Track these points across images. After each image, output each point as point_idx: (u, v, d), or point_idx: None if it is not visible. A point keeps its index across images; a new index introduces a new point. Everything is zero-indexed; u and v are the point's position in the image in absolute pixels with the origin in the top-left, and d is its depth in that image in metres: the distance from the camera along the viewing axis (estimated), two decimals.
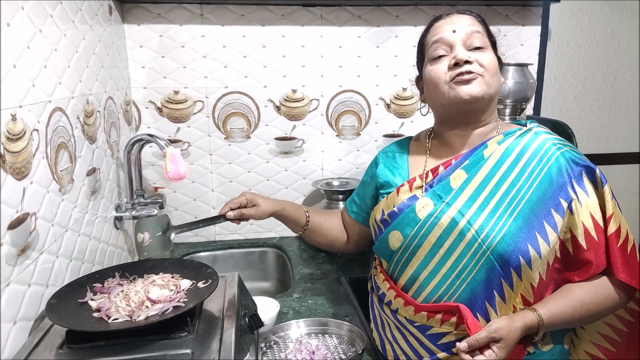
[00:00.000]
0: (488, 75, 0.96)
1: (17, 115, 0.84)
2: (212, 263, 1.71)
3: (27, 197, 0.87)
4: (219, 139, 1.74)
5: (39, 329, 0.84)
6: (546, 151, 0.97)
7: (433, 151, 1.09)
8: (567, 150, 0.98)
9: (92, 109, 1.23)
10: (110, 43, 1.42)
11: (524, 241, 0.91)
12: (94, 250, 1.21)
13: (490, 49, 1.00)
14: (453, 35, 0.97)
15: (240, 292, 0.98)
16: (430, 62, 1.01)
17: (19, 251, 0.84)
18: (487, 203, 0.94)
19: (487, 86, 0.96)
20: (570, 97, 2.05)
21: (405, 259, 1.01)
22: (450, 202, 0.96)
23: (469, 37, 0.97)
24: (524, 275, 0.92)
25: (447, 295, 0.95)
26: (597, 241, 0.94)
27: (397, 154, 1.15)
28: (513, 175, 0.95)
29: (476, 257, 0.93)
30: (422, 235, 0.97)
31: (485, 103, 0.99)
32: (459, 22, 0.99)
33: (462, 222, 0.94)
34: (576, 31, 1.99)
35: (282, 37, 1.69)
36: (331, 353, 1.09)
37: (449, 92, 0.97)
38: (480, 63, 0.96)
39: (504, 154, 0.98)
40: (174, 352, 0.75)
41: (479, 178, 0.96)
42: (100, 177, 1.29)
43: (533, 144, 0.99)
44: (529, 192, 0.94)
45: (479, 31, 0.99)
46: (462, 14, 1.01)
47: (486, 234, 0.92)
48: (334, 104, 1.78)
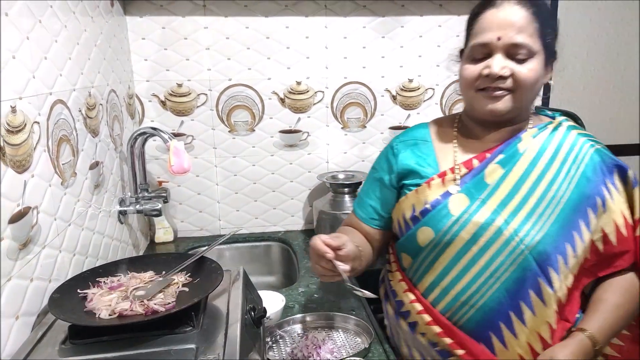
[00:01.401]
0: (521, 91, 0.91)
1: (16, 107, 0.83)
2: (217, 257, 1.70)
3: (28, 190, 0.86)
4: (223, 132, 1.72)
5: (41, 324, 0.83)
6: (580, 148, 0.96)
7: (461, 141, 1.03)
8: (600, 147, 0.98)
9: (94, 101, 1.22)
10: (112, 35, 1.41)
11: (562, 241, 0.92)
12: (97, 245, 1.20)
13: (538, 55, 0.91)
14: (496, 42, 0.90)
15: (246, 286, 0.96)
16: (467, 58, 0.96)
17: (20, 245, 0.83)
18: (525, 201, 0.93)
19: (516, 102, 0.93)
20: (580, 87, 2.02)
21: (433, 256, 0.98)
22: (485, 199, 0.94)
23: (513, 48, 0.90)
24: (562, 276, 0.93)
25: (480, 294, 0.93)
26: (626, 237, 0.95)
27: (420, 142, 1.06)
28: (551, 174, 0.94)
29: (513, 256, 0.92)
30: (455, 232, 0.94)
31: (512, 115, 0.96)
32: (508, 25, 0.89)
33: (499, 221, 0.92)
34: (585, 20, 1.95)
35: (286, 28, 1.66)
36: (337, 347, 1.08)
37: (473, 99, 0.95)
38: (516, 78, 0.90)
39: (540, 150, 0.96)
40: (178, 347, 0.74)
41: (516, 174, 0.94)
42: (104, 171, 1.27)
43: (566, 140, 0.97)
44: (567, 191, 0.93)
45: (528, 37, 0.89)
46: (518, 3, 0.90)
47: (525, 233, 0.91)
48: (339, 95, 1.75)
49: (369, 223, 1.11)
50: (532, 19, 0.89)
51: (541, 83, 0.95)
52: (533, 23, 0.90)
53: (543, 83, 0.96)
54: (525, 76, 0.90)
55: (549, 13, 0.94)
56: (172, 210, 1.76)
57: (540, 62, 0.92)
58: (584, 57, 1.99)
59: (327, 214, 1.66)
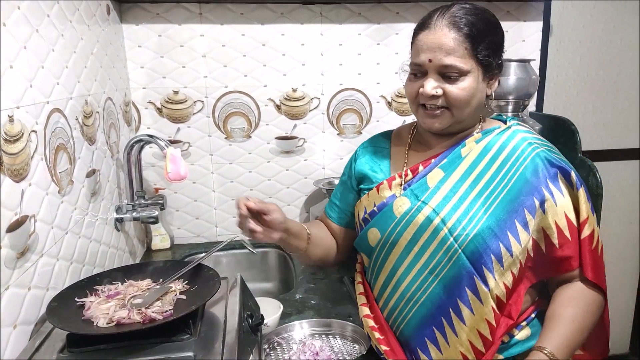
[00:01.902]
0: (455, 108, 0.96)
1: (14, 117, 0.83)
2: (214, 264, 1.70)
3: (25, 199, 0.86)
4: (219, 139, 1.73)
5: (39, 333, 0.83)
6: (523, 150, 0.98)
7: (414, 147, 1.11)
8: (544, 150, 0.98)
9: (91, 109, 1.22)
10: (108, 43, 1.41)
11: (495, 240, 0.94)
12: (94, 253, 1.20)
13: (472, 73, 0.94)
14: (428, 63, 0.95)
15: (243, 293, 0.97)
16: (410, 74, 1.01)
17: (18, 254, 0.83)
18: (461, 202, 0.97)
19: (454, 117, 0.98)
20: (573, 93, 2.04)
21: (383, 255, 1.04)
22: (426, 201, 0.99)
23: (444, 68, 0.94)
24: (497, 274, 0.95)
25: (421, 290, 0.99)
26: (571, 240, 0.96)
27: (379, 149, 1.15)
28: (489, 175, 0.97)
29: (448, 255, 0.96)
30: (398, 232, 1.01)
31: (454, 128, 1.01)
32: (438, 47, 0.93)
33: (436, 220, 0.97)
34: (578, 27, 1.98)
35: (281, 36, 1.67)
36: (335, 354, 1.08)
37: (417, 113, 1.02)
38: (447, 97, 0.95)
39: (481, 152, 0.99)
40: (176, 355, 0.74)
41: (455, 177, 0.99)
42: (100, 179, 1.27)
43: (510, 143, 0.99)
44: (503, 191, 0.95)
45: (458, 59, 0.92)
46: (450, 26, 0.93)
47: (458, 233, 0.94)
48: (335, 102, 1.76)
49: (334, 220, 1.21)
50: (462, 40, 0.92)
51: (480, 97, 0.98)
52: (463, 44, 0.92)
53: (484, 95, 0.99)
54: (456, 95, 0.94)
55: (489, 29, 0.95)
56: (169, 217, 1.77)
57: (475, 78, 0.95)
58: (577, 62, 2.01)
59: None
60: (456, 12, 0.94)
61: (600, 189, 1.55)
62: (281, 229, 1.01)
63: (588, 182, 1.57)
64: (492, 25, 0.97)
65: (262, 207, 0.98)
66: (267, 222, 0.99)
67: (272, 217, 0.99)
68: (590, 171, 1.57)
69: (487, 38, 0.95)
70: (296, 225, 1.10)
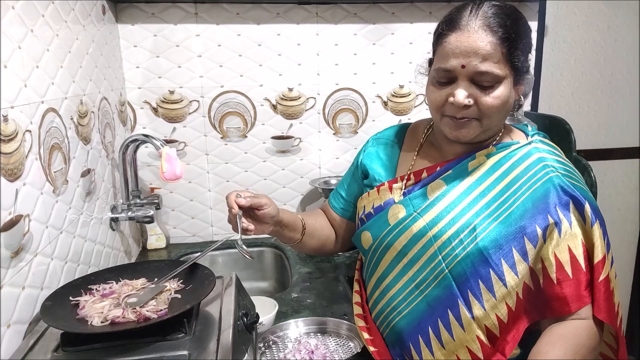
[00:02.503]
0: (486, 118, 0.87)
1: (8, 116, 0.83)
2: (209, 264, 1.70)
3: (20, 198, 0.86)
4: (215, 138, 1.73)
5: (33, 332, 0.83)
6: (535, 172, 0.88)
7: (425, 149, 1.04)
8: (559, 175, 0.88)
9: (86, 109, 1.22)
10: (103, 43, 1.41)
11: (485, 266, 0.86)
12: (89, 252, 1.20)
13: (506, 79, 0.85)
14: (460, 69, 0.85)
15: (238, 292, 0.97)
16: (433, 80, 0.91)
17: (12, 253, 0.83)
18: (455, 220, 0.89)
19: (483, 127, 0.89)
20: (568, 93, 2.05)
21: (375, 259, 1.02)
22: (421, 213, 0.93)
23: (478, 75, 0.84)
24: (488, 305, 0.87)
25: (406, 303, 0.95)
26: (571, 278, 0.83)
27: (390, 144, 1.09)
28: (492, 194, 0.89)
29: (435, 272, 0.91)
30: (391, 239, 0.97)
31: (480, 137, 0.93)
32: (473, 52, 0.83)
33: (428, 235, 0.91)
34: (573, 27, 1.99)
35: (277, 36, 1.68)
36: (330, 352, 1.08)
37: (440, 122, 0.92)
38: (480, 107, 0.86)
39: (489, 169, 0.91)
40: (171, 354, 0.74)
41: (457, 192, 0.91)
42: (95, 178, 1.27)
43: (524, 162, 0.90)
44: (504, 214, 0.87)
45: (494, 65, 0.83)
46: (485, 27, 0.83)
47: (447, 252, 0.89)
48: (331, 102, 1.77)
49: (337, 211, 1.17)
50: (499, 43, 0.83)
51: (511, 103, 0.89)
52: (500, 48, 0.83)
53: (512, 100, 0.90)
54: (490, 104, 0.85)
55: (522, 30, 0.87)
56: (165, 216, 1.77)
57: (508, 85, 0.86)
58: (571, 63, 2.02)
59: None
60: (489, 12, 0.84)
61: (594, 187, 1.56)
62: (274, 222, 1.00)
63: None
64: (524, 25, 0.88)
65: (254, 202, 0.96)
66: (259, 216, 0.98)
67: (265, 212, 0.97)
68: (584, 170, 1.57)
69: (522, 40, 0.86)
70: (290, 216, 1.07)
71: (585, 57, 2.02)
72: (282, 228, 1.06)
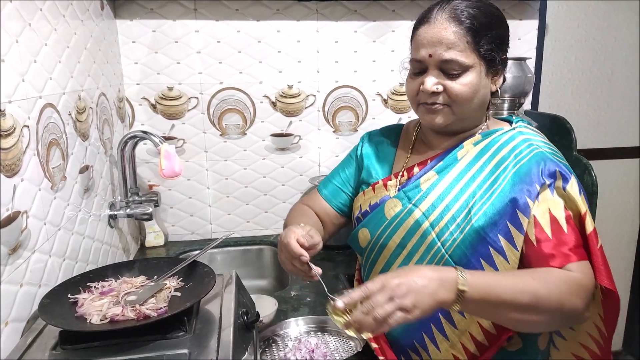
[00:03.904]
0: (456, 104, 0.92)
1: (6, 111, 0.82)
2: (208, 261, 1.69)
3: (17, 195, 0.85)
4: (214, 135, 1.72)
5: (31, 330, 0.81)
6: (521, 151, 0.92)
7: (417, 146, 1.07)
8: (544, 151, 0.91)
9: (84, 105, 1.21)
10: (102, 38, 1.40)
11: (484, 245, 0.88)
12: (87, 249, 1.19)
13: (474, 68, 0.90)
14: (428, 59, 0.91)
15: (238, 290, 0.96)
16: (409, 72, 0.98)
17: (10, 250, 0.81)
18: (451, 206, 0.92)
19: (456, 114, 0.93)
20: (568, 91, 2.05)
21: (373, 256, 1.02)
22: (416, 204, 0.95)
23: (445, 63, 0.90)
24: None
25: None
26: (551, 238, 0.84)
27: (385, 143, 1.12)
28: (482, 176, 0.92)
29: (435, 260, 0.92)
30: (388, 235, 0.98)
31: (456, 126, 0.97)
32: (438, 42, 0.89)
33: (425, 224, 0.93)
34: (573, 25, 1.98)
35: (277, 32, 1.66)
36: (331, 351, 1.08)
37: (418, 111, 0.98)
38: (449, 93, 0.91)
39: (477, 154, 0.94)
40: (171, 352, 0.74)
41: (448, 180, 0.94)
42: (94, 175, 1.26)
43: (510, 143, 0.94)
44: (495, 192, 0.89)
45: (459, 53, 0.88)
46: (451, 19, 0.89)
47: (445, 238, 0.91)
48: (331, 99, 1.76)
49: (330, 202, 1.15)
50: (463, 33, 0.88)
51: (483, 93, 0.93)
52: (465, 38, 0.88)
53: (488, 92, 0.95)
54: (457, 91, 0.90)
55: (492, 22, 0.91)
56: (163, 214, 1.75)
57: (477, 74, 0.91)
58: (571, 61, 2.02)
59: None
60: (457, 5, 0.90)
61: (595, 187, 1.56)
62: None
63: (583, 180, 1.58)
64: (495, 18, 0.92)
65: (311, 242, 0.92)
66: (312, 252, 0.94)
67: (319, 248, 0.95)
68: (585, 169, 1.57)
69: (490, 31, 0.90)
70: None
71: (586, 56, 2.02)
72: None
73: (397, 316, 0.71)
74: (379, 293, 0.72)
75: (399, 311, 0.71)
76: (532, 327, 0.85)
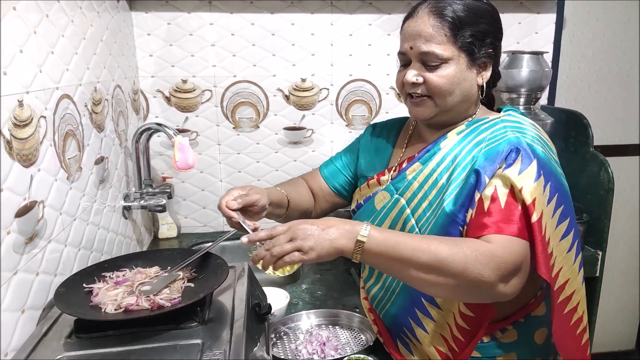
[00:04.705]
0: (437, 96, 0.93)
1: (24, 101, 0.83)
2: (220, 253, 1.69)
3: (34, 184, 0.86)
4: (227, 128, 1.72)
5: (47, 318, 0.83)
6: (495, 135, 0.91)
7: (412, 140, 1.09)
8: (518, 136, 0.89)
9: (100, 97, 1.22)
10: (117, 31, 1.41)
11: (454, 226, 0.87)
12: (102, 240, 1.20)
13: (453, 60, 0.91)
14: (410, 51, 0.94)
15: (251, 282, 0.97)
16: (398, 65, 1.01)
17: (27, 239, 0.83)
18: (428, 192, 0.94)
19: (437, 108, 0.95)
20: (585, 86, 2.01)
21: None
22: (401, 194, 0.98)
23: (424, 56, 0.92)
24: None
25: (396, 281, 0.99)
26: (485, 211, 0.83)
27: (385, 138, 1.14)
28: (456, 161, 0.92)
29: None
30: (377, 224, 1.00)
31: (442, 118, 0.98)
32: (417, 34, 0.91)
33: (407, 212, 0.96)
34: (591, 19, 1.95)
35: (291, 25, 1.66)
36: (342, 345, 1.08)
37: (406, 104, 1.00)
38: (428, 85, 0.93)
39: (458, 142, 0.95)
40: (184, 342, 0.74)
41: (429, 168, 0.96)
42: (109, 166, 1.27)
43: (490, 129, 0.93)
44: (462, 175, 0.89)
45: (437, 45, 0.90)
46: (431, 13, 0.91)
47: (422, 223, 0.93)
48: (344, 93, 1.75)
49: (327, 181, 1.19)
50: (441, 26, 0.90)
51: (466, 86, 0.93)
52: (442, 30, 0.90)
53: (472, 85, 0.94)
54: (435, 82, 0.92)
55: (474, 15, 0.91)
56: (176, 206, 1.77)
57: (457, 66, 0.91)
58: (589, 56, 1.98)
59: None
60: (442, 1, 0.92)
61: (611, 183, 1.54)
62: (266, 208, 1.04)
63: (600, 176, 1.56)
64: (479, 13, 0.92)
65: (246, 201, 0.99)
66: (254, 211, 1.02)
67: (259, 206, 1.01)
68: (602, 166, 1.55)
69: (472, 25, 0.91)
70: (277, 195, 1.11)
71: (604, 51, 1.98)
72: (273, 208, 1.09)
73: (294, 256, 0.77)
74: (283, 234, 0.80)
75: (296, 252, 0.77)
76: (436, 290, 0.84)
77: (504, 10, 1.68)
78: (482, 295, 0.83)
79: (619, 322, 2.30)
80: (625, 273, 2.23)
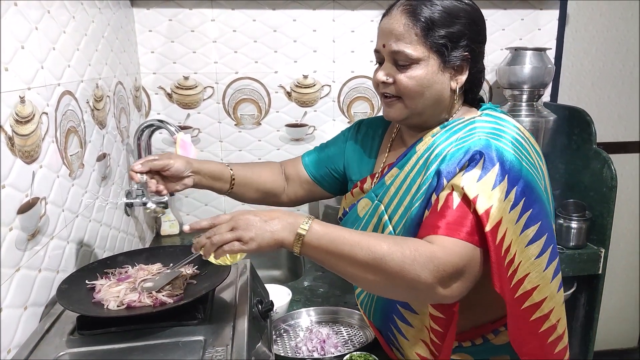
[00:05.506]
0: (406, 97, 0.90)
1: (25, 98, 0.83)
2: None
3: (36, 181, 0.86)
4: (229, 125, 1.72)
5: (49, 315, 0.83)
6: (462, 137, 0.88)
7: (394, 146, 1.06)
8: (482, 138, 0.85)
9: (101, 93, 1.21)
10: (119, 27, 1.40)
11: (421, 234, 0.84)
12: (104, 237, 1.20)
13: (424, 61, 0.88)
14: (382, 49, 0.91)
15: (253, 279, 0.96)
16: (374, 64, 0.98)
17: (29, 236, 0.83)
18: (404, 197, 0.92)
19: (407, 110, 0.92)
20: (588, 83, 2.01)
21: None
22: (380, 199, 0.97)
23: (395, 55, 0.89)
24: None
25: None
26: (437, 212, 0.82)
27: (371, 139, 1.10)
28: (427, 163, 0.90)
29: None
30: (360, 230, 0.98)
31: (415, 120, 0.95)
32: (389, 33, 0.89)
33: (385, 218, 0.95)
34: (595, 15, 1.94)
35: (293, 21, 1.65)
36: (342, 342, 1.08)
37: (381, 104, 0.97)
38: (397, 85, 0.90)
39: (429, 146, 0.92)
40: (186, 339, 0.74)
41: (404, 172, 0.94)
42: (111, 163, 1.27)
43: (461, 131, 0.90)
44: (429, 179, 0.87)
45: (407, 45, 0.87)
46: (404, 12, 0.88)
47: (396, 225, 0.92)
48: (346, 90, 1.75)
49: (307, 168, 1.16)
50: (411, 25, 0.87)
51: (438, 89, 0.90)
52: (413, 29, 0.87)
53: (445, 88, 0.90)
54: (404, 83, 0.89)
55: (449, 16, 0.88)
56: (178, 203, 1.77)
57: (428, 68, 0.88)
58: (592, 53, 1.97)
59: (333, 209, 1.65)
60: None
61: (614, 181, 1.53)
62: (191, 174, 1.00)
63: (602, 174, 1.56)
64: (455, 13, 0.88)
65: (154, 165, 0.95)
66: (169, 175, 0.98)
67: (172, 170, 0.97)
68: (604, 163, 1.54)
69: (445, 26, 0.87)
70: (214, 166, 1.07)
71: (607, 47, 1.98)
72: (206, 178, 1.05)
73: (234, 245, 0.76)
74: (225, 222, 0.79)
75: (236, 241, 0.76)
76: (373, 287, 0.85)
77: (507, 7, 1.67)
78: (420, 296, 0.82)
79: (622, 319, 2.30)
80: (628, 270, 2.23)
